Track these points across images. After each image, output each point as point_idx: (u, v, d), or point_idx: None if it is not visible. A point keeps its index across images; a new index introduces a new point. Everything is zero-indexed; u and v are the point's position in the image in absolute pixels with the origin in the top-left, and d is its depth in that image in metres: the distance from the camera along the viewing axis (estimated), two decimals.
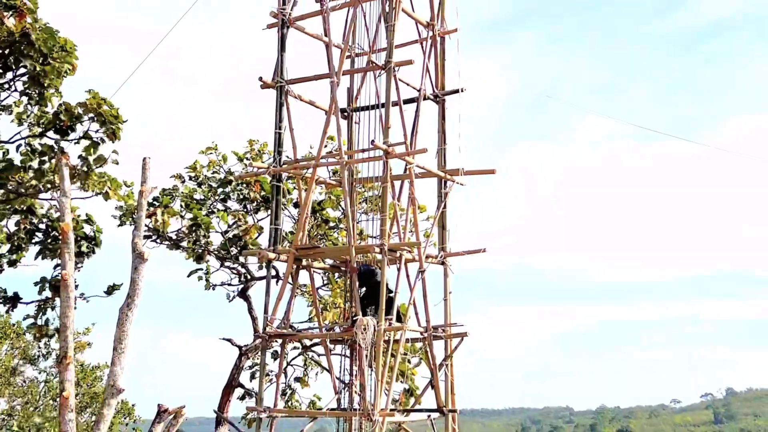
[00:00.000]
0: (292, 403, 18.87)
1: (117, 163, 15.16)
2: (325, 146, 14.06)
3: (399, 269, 12.58)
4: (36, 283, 15.30)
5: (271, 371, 16.84)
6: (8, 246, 14.88)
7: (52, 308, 15.66)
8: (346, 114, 14.41)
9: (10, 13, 13.55)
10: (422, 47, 14.10)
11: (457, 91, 13.83)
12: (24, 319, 16.84)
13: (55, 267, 15.46)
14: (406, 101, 13.20)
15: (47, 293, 15.38)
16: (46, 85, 13.86)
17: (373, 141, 12.68)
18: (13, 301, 15.52)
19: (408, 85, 13.49)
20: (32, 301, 15.65)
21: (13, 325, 22.83)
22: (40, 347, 23.69)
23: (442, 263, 13.70)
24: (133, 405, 25.58)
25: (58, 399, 13.40)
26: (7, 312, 17.41)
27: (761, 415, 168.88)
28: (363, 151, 13.95)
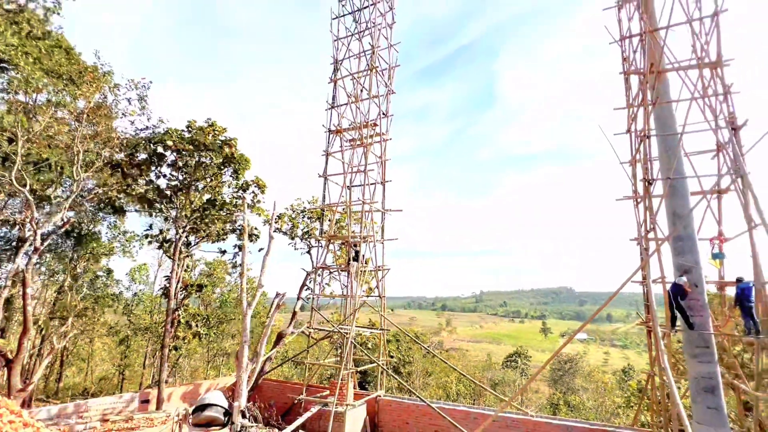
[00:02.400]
0: (324, 291, 20.69)
1: (263, 202, 20.85)
2: (342, 200, 18.59)
3: (366, 244, 18.44)
4: (234, 246, 21.04)
5: (317, 279, 19.91)
6: (224, 232, 20.39)
7: (238, 255, 21.28)
8: (349, 186, 18.70)
9: (227, 146, 20.68)
10: (377, 165, 19.09)
11: (389, 181, 19.08)
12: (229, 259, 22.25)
13: (239, 241, 20.84)
14: (371, 183, 18.50)
15: (237, 250, 20.97)
16: (239, 173, 19.75)
17: (357, 200, 18.48)
18: (223, 253, 21.09)
19: (371, 177, 18.52)
20: (232, 253, 21.23)
21: (223, 261, 27.00)
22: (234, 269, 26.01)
23: (382, 243, 18.92)
24: (265, 291, 28.75)
25: (240, 281, 15.75)
26: (222, 256, 22.07)
27: (492, 300, 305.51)
28: (355, 201, 18.56)
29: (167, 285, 19.28)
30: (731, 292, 11.36)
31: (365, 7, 20.90)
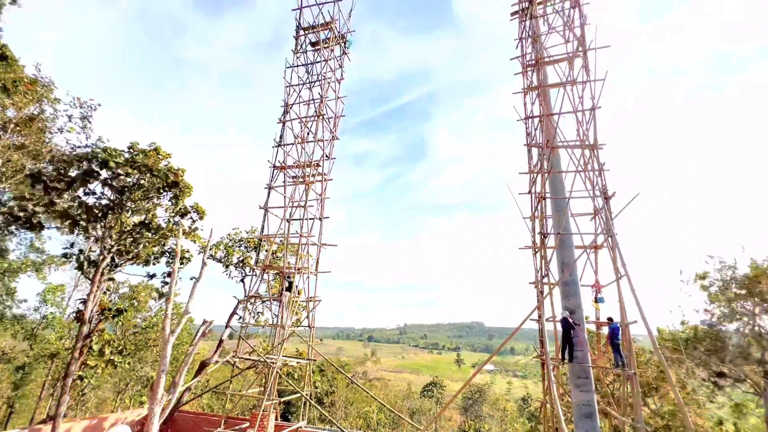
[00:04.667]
0: (257, 320, 20.77)
1: (202, 229, 19.64)
2: (280, 232, 17.95)
3: (300, 276, 17.72)
4: (163, 274, 19.05)
5: (248, 308, 18.97)
6: (155, 256, 18.67)
7: (167, 281, 19.19)
8: (288, 220, 17.93)
9: (173, 174, 19.05)
10: (317, 202, 18.93)
11: (327, 218, 18.88)
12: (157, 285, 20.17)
13: (169, 266, 19.20)
14: (310, 218, 18.16)
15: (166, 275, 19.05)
16: (179, 198, 18.27)
17: (295, 232, 17.79)
18: (151, 277, 19.05)
19: (310, 213, 18.39)
20: (162, 276, 19.21)
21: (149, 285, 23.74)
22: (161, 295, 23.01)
23: (316, 275, 18.08)
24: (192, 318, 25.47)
25: (164, 309, 13.53)
26: (149, 281, 19.83)
27: (414, 332, 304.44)
28: (293, 233, 17.86)
29: (81, 308, 16.65)
30: (606, 330, 12.50)
31: (318, 62, 21.40)
